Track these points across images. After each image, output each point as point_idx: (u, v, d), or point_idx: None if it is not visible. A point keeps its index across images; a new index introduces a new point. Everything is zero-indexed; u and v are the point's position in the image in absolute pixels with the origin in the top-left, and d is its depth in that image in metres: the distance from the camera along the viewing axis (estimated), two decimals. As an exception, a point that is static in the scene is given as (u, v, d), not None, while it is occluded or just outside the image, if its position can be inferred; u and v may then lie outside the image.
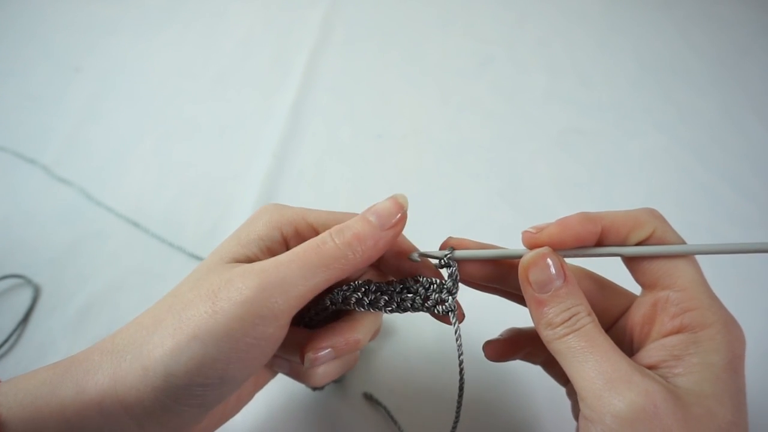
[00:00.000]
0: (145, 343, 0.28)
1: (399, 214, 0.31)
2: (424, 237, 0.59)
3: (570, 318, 0.29)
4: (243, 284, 0.28)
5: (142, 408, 0.27)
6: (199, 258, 0.57)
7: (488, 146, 0.71)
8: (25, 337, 0.51)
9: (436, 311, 0.33)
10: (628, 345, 0.33)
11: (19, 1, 0.90)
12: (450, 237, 0.34)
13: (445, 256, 0.33)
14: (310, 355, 0.33)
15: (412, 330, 0.51)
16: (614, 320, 0.35)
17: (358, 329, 0.34)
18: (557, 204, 0.64)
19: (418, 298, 0.33)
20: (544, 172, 0.68)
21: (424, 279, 0.33)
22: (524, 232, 0.32)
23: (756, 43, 0.87)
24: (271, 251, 0.32)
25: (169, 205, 0.62)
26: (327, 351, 0.33)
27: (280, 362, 0.38)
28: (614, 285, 0.36)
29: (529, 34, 0.88)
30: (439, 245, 0.34)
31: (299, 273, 0.29)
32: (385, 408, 0.46)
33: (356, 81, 0.79)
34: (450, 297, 0.32)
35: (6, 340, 0.49)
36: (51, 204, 0.62)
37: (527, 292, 0.30)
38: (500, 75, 0.81)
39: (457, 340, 0.32)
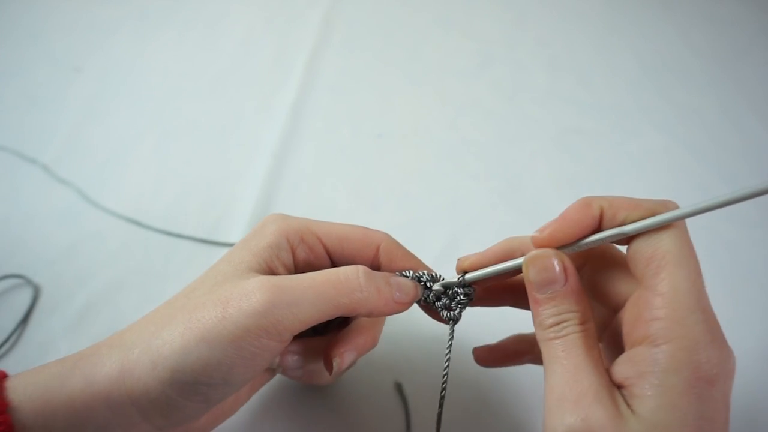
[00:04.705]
0: (154, 338, 0.29)
1: (411, 299, 0.34)
2: (425, 236, 0.60)
3: (558, 323, 0.29)
4: (254, 297, 0.29)
5: (147, 399, 0.28)
6: (206, 241, 0.58)
7: (488, 146, 0.71)
8: (25, 337, 0.50)
9: (443, 315, 0.35)
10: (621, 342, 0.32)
11: (20, 2, 0.89)
12: (461, 258, 0.35)
13: (460, 283, 0.34)
14: (337, 360, 0.34)
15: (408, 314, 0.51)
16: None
17: (377, 326, 0.36)
18: (557, 204, 0.62)
19: (444, 298, 0.35)
20: (544, 172, 0.68)
21: (451, 291, 0.35)
22: (532, 237, 0.32)
23: (755, 43, 0.87)
24: (280, 259, 0.33)
25: (169, 205, 0.62)
26: (352, 353, 0.34)
27: (295, 371, 0.38)
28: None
29: (529, 34, 0.88)
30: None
31: (312, 300, 0.30)
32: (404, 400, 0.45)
33: (356, 81, 0.79)
34: (461, 308, 0.35)
35: (6, 340, 0.49)
36: (51, 203, 0.62)
37: (528, 290, 0.31)
38: (500, 75, 0.81)
39: (449, 341, 0.34)
